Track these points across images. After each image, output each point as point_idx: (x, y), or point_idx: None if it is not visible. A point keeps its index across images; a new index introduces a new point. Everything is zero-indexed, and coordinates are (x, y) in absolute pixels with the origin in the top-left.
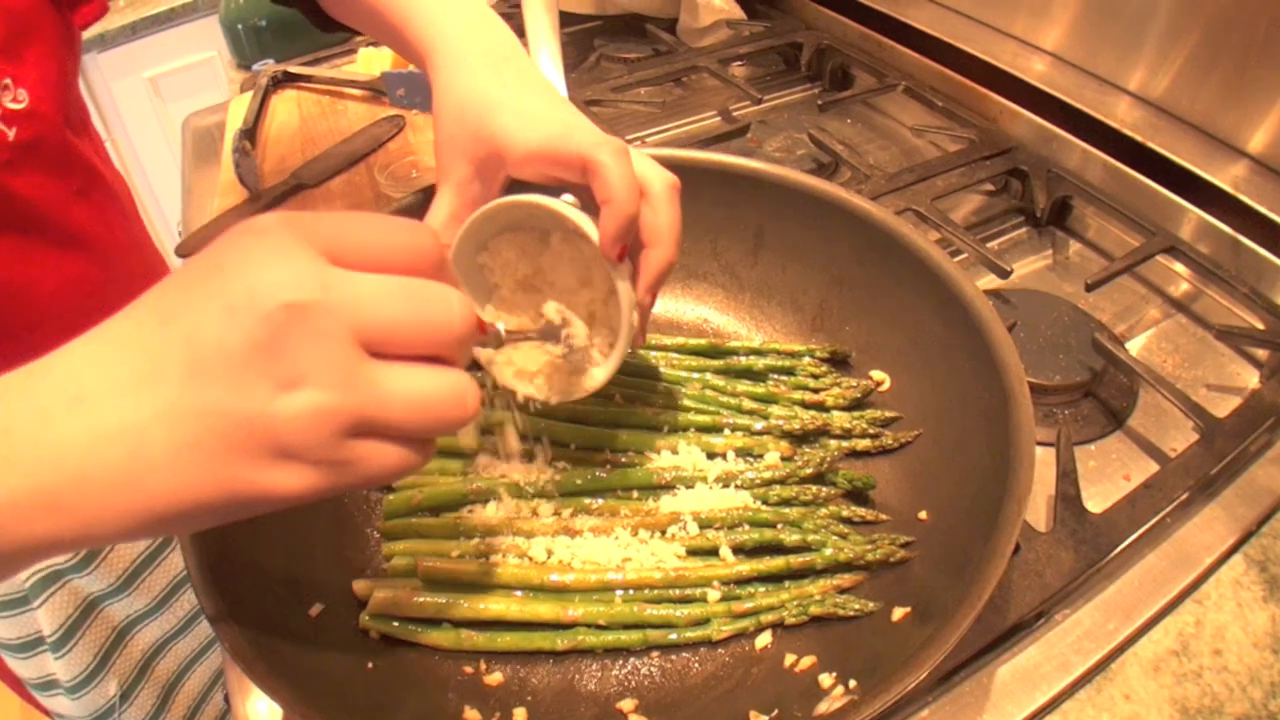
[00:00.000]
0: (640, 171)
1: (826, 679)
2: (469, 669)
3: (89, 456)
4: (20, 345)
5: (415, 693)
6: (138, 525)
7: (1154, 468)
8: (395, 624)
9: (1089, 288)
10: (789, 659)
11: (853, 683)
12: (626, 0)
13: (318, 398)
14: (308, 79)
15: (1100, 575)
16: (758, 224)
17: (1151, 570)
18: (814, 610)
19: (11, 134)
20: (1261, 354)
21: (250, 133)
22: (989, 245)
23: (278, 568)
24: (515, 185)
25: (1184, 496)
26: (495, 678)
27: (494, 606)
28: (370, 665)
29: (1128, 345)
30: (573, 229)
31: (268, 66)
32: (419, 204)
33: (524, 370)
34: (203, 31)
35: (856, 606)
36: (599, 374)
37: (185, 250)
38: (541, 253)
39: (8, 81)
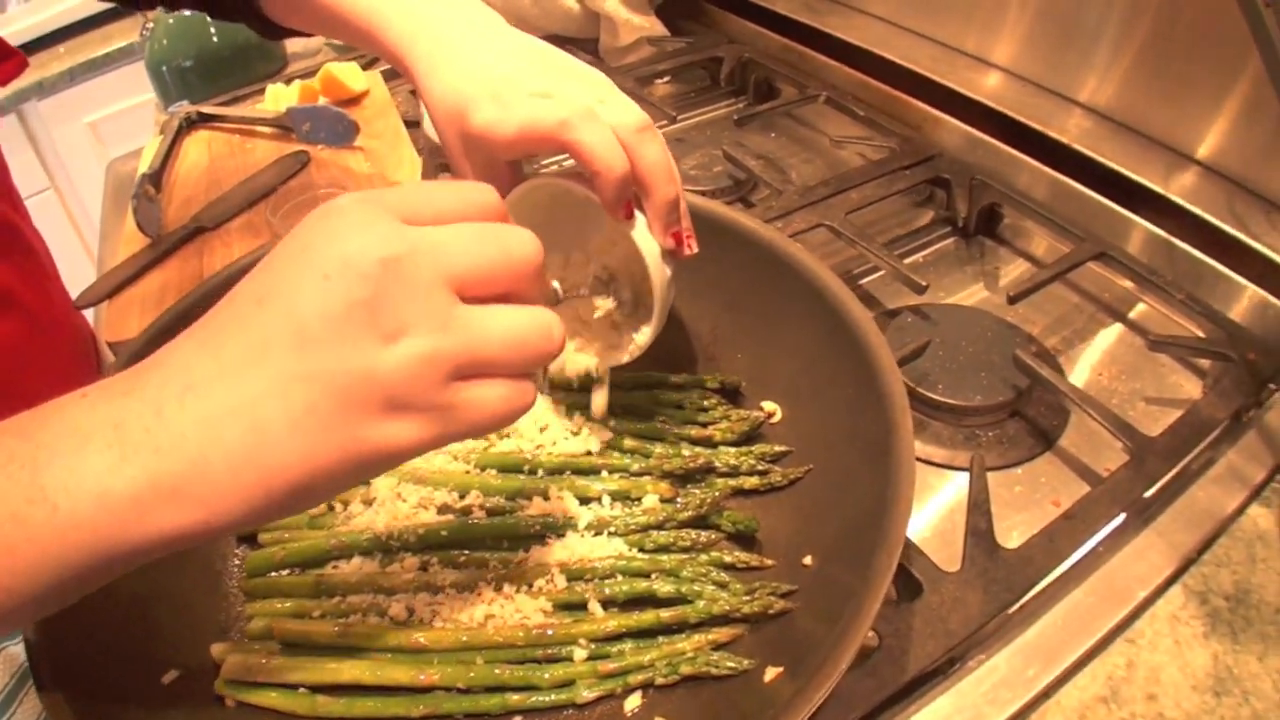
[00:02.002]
0: (613, 123)
1: None
2: None
3: (206, 438)
4: None
5: None
6: (261, 504)
7: (1087, 490)
8: (250, 690)
9: (1011, 300)
10: None
11: None
12: (545, 22)
13: (421, 344)
14: (220, 118)
15: (1020, 616)
16: None
17: (1077, 608)
18: (685, 669)
19: None
20: (1206, 364)
21: (156, 176)
22: (914, 259)
23: (131, 632)
24: None
25: (1113, 524)
26: None
27: (349, 670)
28: None
29: (1061, 359)
30: (583, 198)
31: (182, 107)
32: None
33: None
34: (142, 75)
35: (731, 665)
36: (646, 330)
37: (83, 302)
38: (584, 226)
39: None
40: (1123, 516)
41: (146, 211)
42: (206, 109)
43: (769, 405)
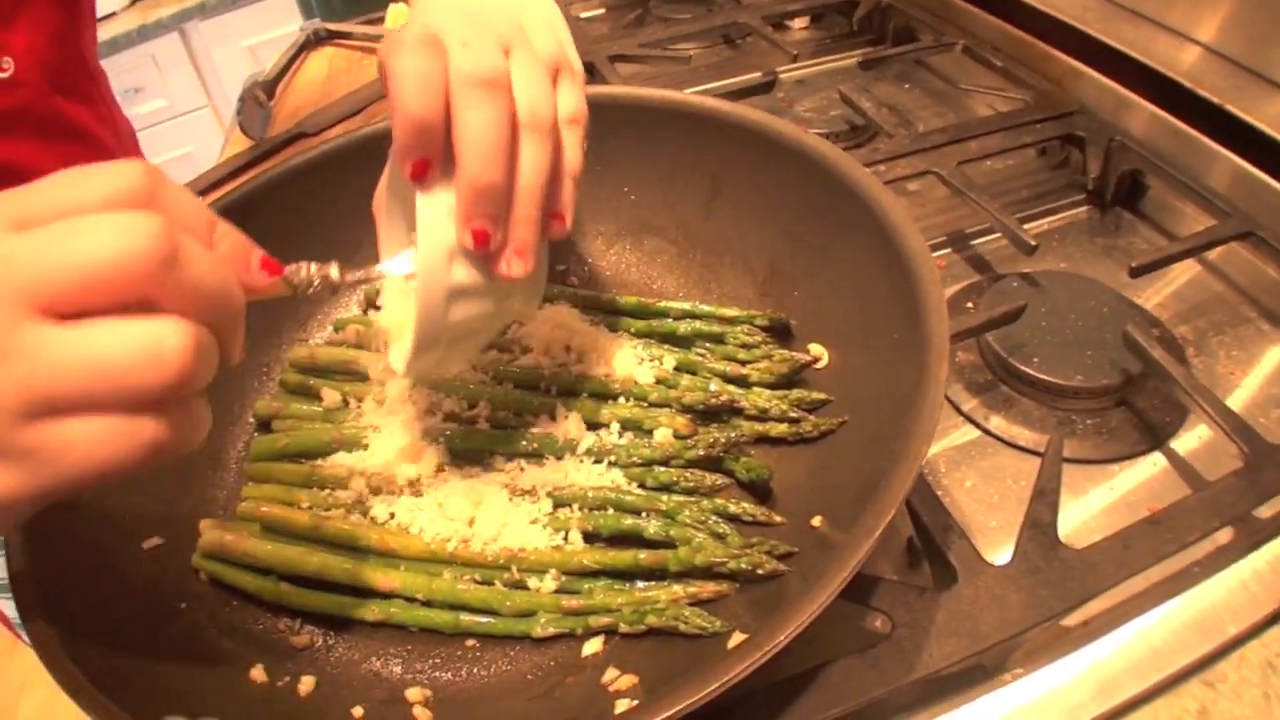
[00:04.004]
0: (454, 65)
1: (623, 706)
2: (282, 626)
3: None
4: None
5: (210, 642)
6: None
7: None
8: (225, 566)
9: (1134, 272)
10: (610, 674)
11: None
12: None
13: None
14: (344, 35)
15: (1079, 631)
16: (714, 171)
17: (1148, 634)
18: (651, 620)
19: None
20: None
21: (271, 85)
22: (1038, 224)
23: (123, 490)
24: None
25: (1210, 541)
26: (302, 639)
27: (317, 561)
28: (182, 605)
29: (1189, 350)
30: None
31: (312, 24)
32: None
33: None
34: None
35: (701, 624)
36: (398, 352)
37: None
38: None
39: None
40: (1226, 533)
41: (252, 114)
42: (332, 26)
43: (816, 349)
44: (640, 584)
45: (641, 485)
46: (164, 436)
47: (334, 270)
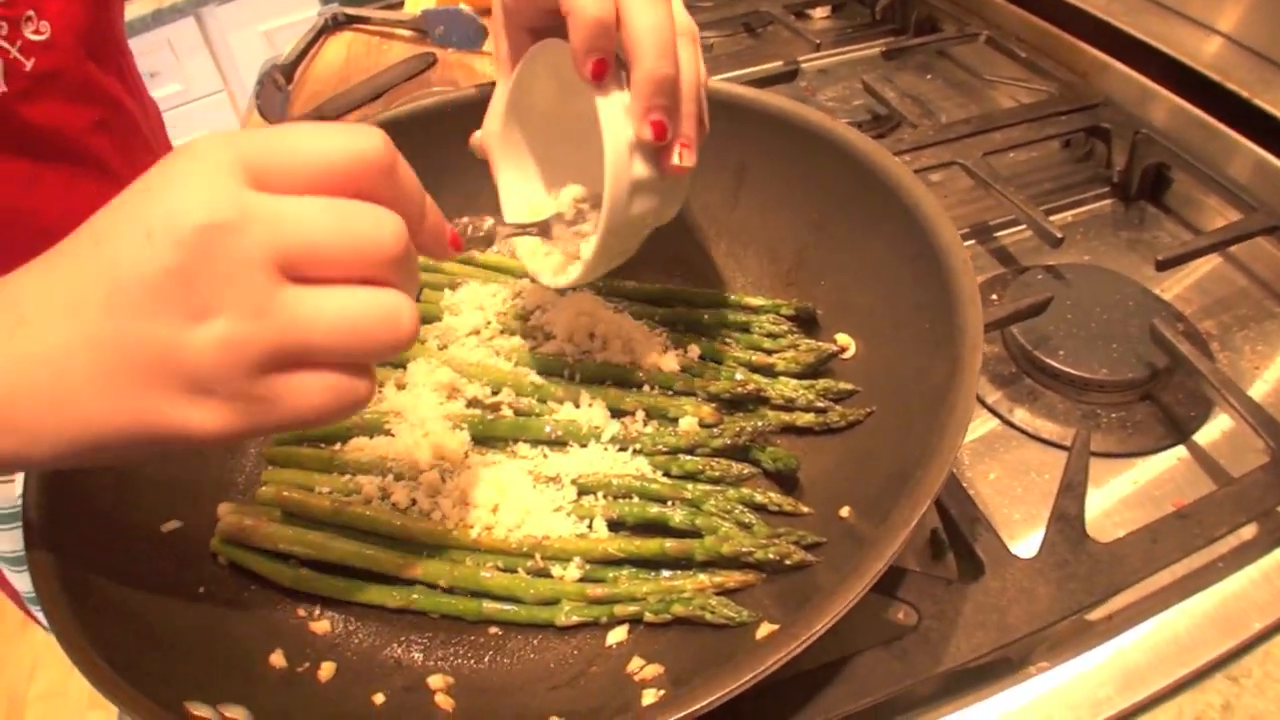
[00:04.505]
0: None
1: (650, 697)
2: (302, 611)
3: (20, 378)
4: (22, 263)
5: (229, 627)
6: (67, 449)
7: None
8: (243, 551)
9: (1160, 265)
10: (635, 663)
11: None
12: None
13: (229, 327)
14: (363, 20)
15: (1103, 625)
16: (740, 160)
17: (1173, 628)
18: (677, 609)
19: (29, 64)
20: None
21: (289, 69)
22: (1061, 216)
23: (144, 474)
24: None
25: (1237, 536)
26: (322, 625)
27: (337, 548)
28: (201, 590)
29: (1214, 345)
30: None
31: (331, 8)
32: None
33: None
34: None
35: (728, 613)
36: (585, 248)
37: None
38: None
39: (30, 13)
40: (1250, 528)
41: (270, 98)
42: (350, 10)
43: (843, 338)
44: (665, 573)
45: (666, 474)
46: (368, 395)
47: (490, 222)
